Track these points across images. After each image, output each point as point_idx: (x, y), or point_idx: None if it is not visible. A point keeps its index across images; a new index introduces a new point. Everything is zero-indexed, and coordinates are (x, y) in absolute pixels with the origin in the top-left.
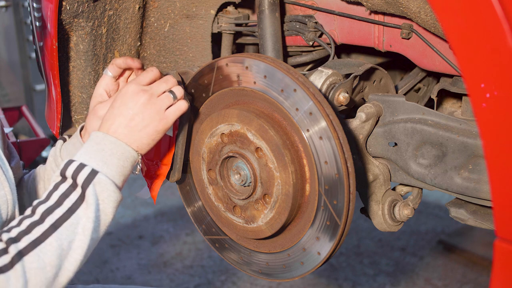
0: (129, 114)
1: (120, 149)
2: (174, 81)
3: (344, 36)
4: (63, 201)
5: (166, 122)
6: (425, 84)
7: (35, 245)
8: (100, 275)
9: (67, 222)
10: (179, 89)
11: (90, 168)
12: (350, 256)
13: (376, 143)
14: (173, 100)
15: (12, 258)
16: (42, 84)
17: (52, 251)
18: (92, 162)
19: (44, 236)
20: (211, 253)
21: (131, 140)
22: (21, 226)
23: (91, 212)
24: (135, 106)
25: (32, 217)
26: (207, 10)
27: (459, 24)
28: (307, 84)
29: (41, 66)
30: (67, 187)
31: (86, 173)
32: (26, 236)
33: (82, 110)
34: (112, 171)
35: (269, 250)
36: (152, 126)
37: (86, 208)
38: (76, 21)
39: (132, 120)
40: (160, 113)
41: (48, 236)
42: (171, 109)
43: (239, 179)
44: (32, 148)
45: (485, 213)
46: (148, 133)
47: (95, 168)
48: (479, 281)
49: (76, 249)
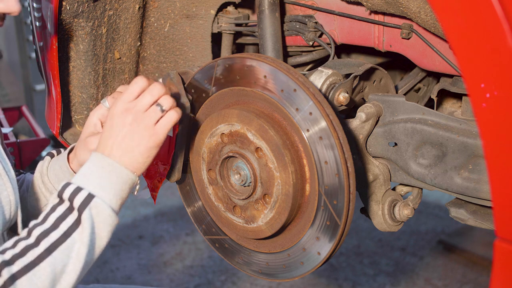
0: (119, 136)
1: (118, 172)
2: (161, 90)
3: (344, 36)
4: (59, 224)
5: (156, 138)
6: (425, 84)
7: (29, 269)
8: (100, 275)
9: (62, 246)
10: (166, 100)
11: (87, 191)
12: (350, 256)
13: (376, 143)
14: (161, 113)
15: (4, 282)
16: (42, 84)
17: (46, 275)
18: (89, 186)
19: (38, 260)
20: (211, 253)
21: (126, 162)
22: (16, 249)
23: (86, 236)
24: (123, 128)
25: (28, 240)
26: (207, 10)
27: (459, 24)
28: (307, 84)
29: (41, 66)
30: (63, 210)
31: (82, 197)
32: (20, 259)
33: (82, 110)
34: (109, 194)
35: (269, 250)
36: (143, 144)
37: (81, 232)
38: (76, 21)
39: (122, 142)
40: (149, 129)
41: (43, 260)
42: (161, 123)
43: (239, 179)
44: (32, 148)
45: (485, 213)
46: (141, 152)
47: (91, 192)
48: (479, 281)
49: (69, 273)
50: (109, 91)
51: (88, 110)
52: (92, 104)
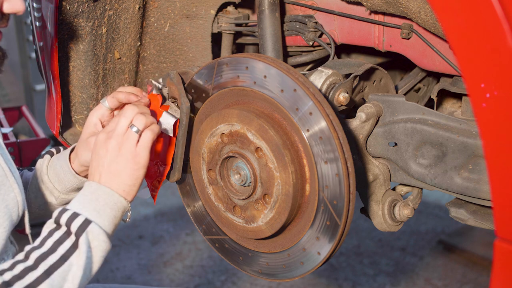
0: (105, 162)
1: (113, 199)
2: (133, 111)
3: (344, 36)
4: (57, 248)
5: (140, 159)
6: (425, 84)
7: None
8: (100, 275)
9: (60, 269)
10: (138, 119)
11: (83, 217)
12: (350, 256)
13: (376, 143)
14: (136, 133)
15: None
16: (42, 84)
17: None
18: (85, 212)
19: (36, 282)
20: (211, 253)
21: (116, 187)
22: (14, 271)
23: (82, 260)
24: (107, 154)
25: (26, 262)
26: (207, 10)
27: (459, 24)
28: (307, 84)
29: (41, 66)
30: (61, 234)
31: (79, 222)
32: (20, 281)
33: (82, 110)
34: (105, 221)
35: (269, 250)
36: (129, 167)
37: (78, 255)
38: (76, 21)
39: (110, 167)
40: (131, 152)
41: (41, 282)
42: (140, 144)
43: (239, 179)
44: (32, 148)
45: (485, 213)
46: (128, 174)
47: (88, 217)
48: (479, 281)
49: None
50: (109, 91)
51: (88, 110)
52: (92, 104)
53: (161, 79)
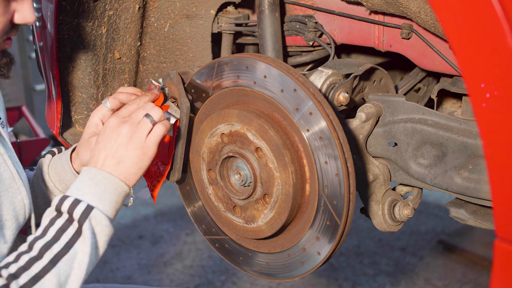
0: (114, 146)
1: (113, 184)
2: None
3: (344, 36)
4: (60, 236)
5: (148, 149)
6: (425, 84)
7: (35, 281)
8: (100, 275)
9: (65, 257)
10: (155, 111)
11: (85, 203)
12: (350, 256)
13: (376, 143)
14: (151, 124)
15: None
16: (42, 84)
17: (52, 286)
18: (87, 198)
19: (43, 272)
20: (211, 253)
21: (119, 172)
22: (19, 262)
23: (87, 246)
24: (118, 137)
25: (30, 253)
26: (207, 10)
27: (459, 24)
28: (307, 84)
29: (41, 66)
30: (63, 222)
31: (82, 208)
32: (26, 272)
33: (82, 110)
34: (106, 206)
35: (269, 250)
36: (136, 155)
37: (83, 242)
38: (76, 21)
39: (116, 152)
40: (141, 141)
41: (48, 271)
42: (150, 137)
43: (239, 179)
44: (32, 148)
45: (485, 213)
46: (133, 162)
47: (90, 203)
48: (479, 281)
49: (71, 283)
50: (109, 91)
51: (88, 110)
52: (92, 104)
53: (161, 79)
